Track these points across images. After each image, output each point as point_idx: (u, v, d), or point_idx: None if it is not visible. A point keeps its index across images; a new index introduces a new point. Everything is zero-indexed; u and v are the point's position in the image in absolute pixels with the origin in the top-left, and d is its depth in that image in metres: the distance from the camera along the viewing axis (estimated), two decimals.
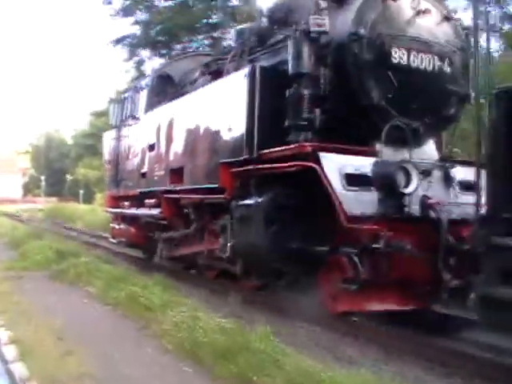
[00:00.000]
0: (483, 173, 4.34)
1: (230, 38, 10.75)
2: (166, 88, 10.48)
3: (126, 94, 12.45)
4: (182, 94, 9.23)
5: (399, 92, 6.03)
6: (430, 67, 6.25)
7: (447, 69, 6.40)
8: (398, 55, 6.07)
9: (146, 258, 11.60)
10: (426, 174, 5.73)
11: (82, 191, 51.08)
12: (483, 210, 4.26)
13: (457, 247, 5.16)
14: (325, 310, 6.13)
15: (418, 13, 6.24)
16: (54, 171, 66.60)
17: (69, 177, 59.13)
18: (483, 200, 4.27)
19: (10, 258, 11.21)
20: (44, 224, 23.41)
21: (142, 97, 11.04)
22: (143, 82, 11.50)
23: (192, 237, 8.56)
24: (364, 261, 5.34)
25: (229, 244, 7.11)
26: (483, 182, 4.30)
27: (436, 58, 6.30)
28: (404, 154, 5.90)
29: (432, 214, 5.37)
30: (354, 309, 5.94)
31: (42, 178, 64.18)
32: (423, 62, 6.20)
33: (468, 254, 4.61)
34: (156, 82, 10.93)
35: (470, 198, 5.35)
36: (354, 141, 5.88)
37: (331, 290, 5.95)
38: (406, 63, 6.11)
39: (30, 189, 74.34)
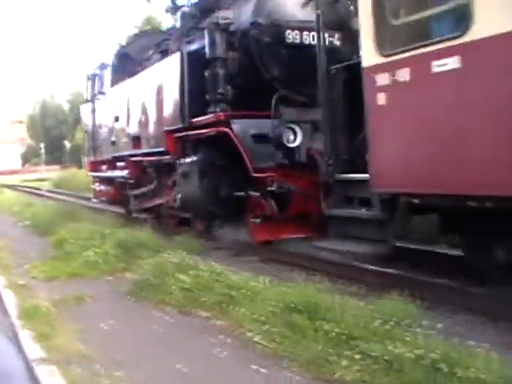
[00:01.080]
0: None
1: (176, 20, 12.12)
2: (126, 65, 12.00)
3: (97, 71, 13.97)
4: (138, 72, 10.79)
5: (293, 66, 7.60)
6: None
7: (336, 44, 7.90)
8: (292, 36, 7.64)
9: (125, 213, 13.38)
10: (313, 130, 7.34)
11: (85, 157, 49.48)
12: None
13: None
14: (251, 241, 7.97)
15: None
16: (51, 139, 65.04)
17: (67, 143, 57.19)
18: None
19: (41, 252, 8.16)
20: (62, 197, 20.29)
21: (107, 74, 12.65)
22: (109, 61, 13.05)
23: (154, 191, 10.31)
24: (267, 201, 7.13)
25: (178, 195, 8.88)
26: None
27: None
28: (300, 115, 7.53)
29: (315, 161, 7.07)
30: (270, 238, 7.77)
31: (42, 145, 60.57)
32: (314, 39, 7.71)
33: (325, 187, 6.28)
34: (117, 60, 12.50)
35: None
36: (262, 108, 7.51)
37: (252, 226, 7.77)
38: (298, 42, 7.67)
39: (28, 158, 73.40)
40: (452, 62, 3.64)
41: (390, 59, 4.21)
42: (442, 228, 4.83)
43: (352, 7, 8.23)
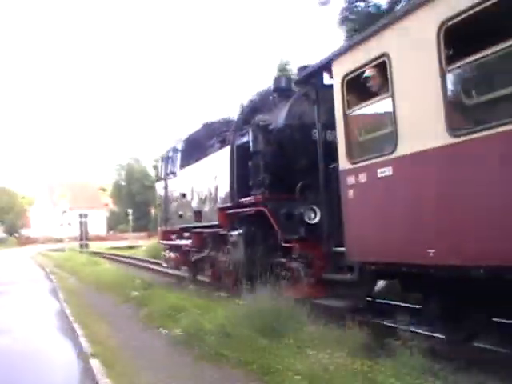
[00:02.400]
0: None
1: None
2: (193, 150, 14.39)
3: (170, 154, 16.56)
4: (201, 158, 13.10)
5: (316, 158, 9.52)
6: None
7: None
8: (316, 134, 9.60)
9: (190, 276, 15.41)
10: None
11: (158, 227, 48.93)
12: None
13: None
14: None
15: None
16: (137, 204, 63.37)
17: (153, 210, 54.82)
18: None
19: None
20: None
21: (178, 157, 15.12)
22: (179, 146, 15.58)
23: (212, 257, 12.33)
24: (293, 265, 8.92)
25: (230, 260, 10.83)
26: None
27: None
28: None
29: None
30: (305, 296, 9.47)
31: (130, 211, 55.82)
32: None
33: None
34: (186, 145, 14.97)
35: None
36: (292, 192, 9.39)
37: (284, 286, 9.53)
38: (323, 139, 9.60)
39: (112, 225, 74.77)
40: (388, 170, 5.44)
41: (354, 166, 6.07)
42: (403, 288, 6.44)
43: None
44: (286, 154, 9.65)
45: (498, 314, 5.45)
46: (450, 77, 4.78)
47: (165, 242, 16.74)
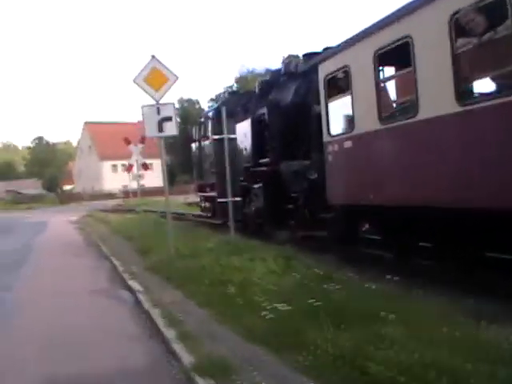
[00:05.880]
0: None
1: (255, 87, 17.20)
2: (221, 118, 17.24)
3: (202, 120, 19.48)
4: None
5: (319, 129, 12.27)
6: None
7: None
8: (318, 109, 12.32)
9: (222, 223, 18.51)
10: None
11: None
12: None
13: None
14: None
15: None
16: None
17: None
18: None
19: None
20: None
21: (209, 124, 18.03)
22: (210, 114, 18.46)
23: (241, 205, 15.33)
24: (300, 211, 11.86)
25: (253, 208, 13.82)
26: None
27: None
28: None
29: None
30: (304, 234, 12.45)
31: None
32: None
33: None
34: (216, 114, 17.83)
35: None
36: (296, 155, 12.17)
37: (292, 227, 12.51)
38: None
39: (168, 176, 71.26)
40: (350, 143, 8.25)
41: (332, 139, 8.88)
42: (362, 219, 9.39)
43: None
44: (293, 126, 12.42)
45: (422, 239, 8.23)
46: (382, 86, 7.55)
47: (200, 193, 19.91)
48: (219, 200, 15.68)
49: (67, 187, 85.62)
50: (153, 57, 10.49)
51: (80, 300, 8.53)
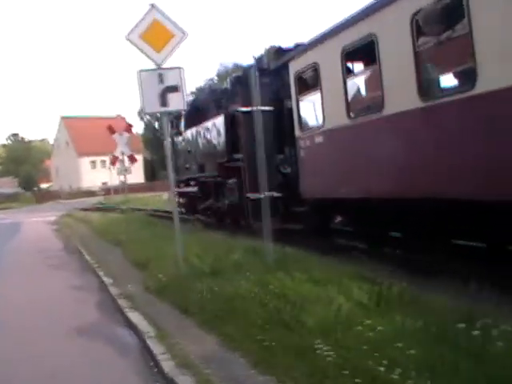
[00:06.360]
0: None
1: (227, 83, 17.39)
2: (195, 114, 17.41)
3: (175, 117, 19.62)
4: (202, 121, 16.11)
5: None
6: None
7: None
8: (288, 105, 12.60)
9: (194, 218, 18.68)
10: None
11: None
12: None
13: None
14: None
15: None
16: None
17: None
18: None
19: None
20: None
21: (183, 120, 18.18)
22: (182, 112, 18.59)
23: (212, 201, 15.56)
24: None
25: (226, 202, 14.04)
26: None
27: None
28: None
29: None
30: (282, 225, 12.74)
31: None
32: None
33: None
34: (189, 110, 17.96)
35: None
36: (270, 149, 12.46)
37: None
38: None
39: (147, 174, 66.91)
40: (320, 138, 8.53)
41: (303, 135, 9.15)
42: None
43: None
44: (266, 121, 12.65)
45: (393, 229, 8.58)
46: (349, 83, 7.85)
47: (175, 190, 20.07)
48: (251, 196, 11.58)
49: (44, 185, 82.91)
50: (152, 6, 7.82)
51: (54, 348, 5.75)
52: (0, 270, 12.08)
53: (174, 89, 7.78)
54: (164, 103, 7.82)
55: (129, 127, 20.28)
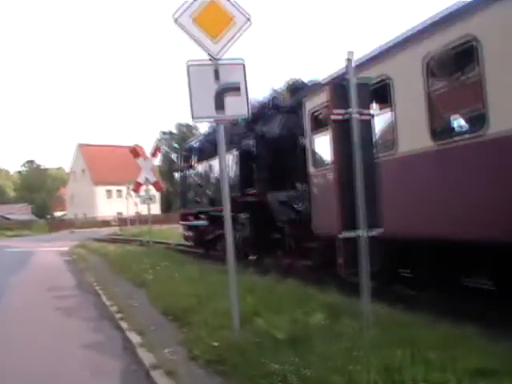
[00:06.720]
0: None
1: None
2: (206, 149, 17.68)
3: (187, 149, 19.96)
4: (214, 155, 16.35)
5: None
6: None
7: None
8: (301, 141, 12.83)
9: (205, 251, 18.80)
10: None
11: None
12: None
13: None
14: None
15: None
16: None
17: None
18: None
19: None
20: None
21: (194, 153, 18.51)
22: (195, 144, 18.95)
23: (223, 235, 15.66)
24: (287, 240, 12.23)
25: (239, 237, 14.17)
26: None
27: None
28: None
29: None
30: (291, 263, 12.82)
31: None
32: None
33: None
34: (200, 145, 18.36)
35: None
36: (285, 186, 12.61)
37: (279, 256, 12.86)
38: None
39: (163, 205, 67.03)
40: (332, 175, 8.71)
41: (317, 172, 9.34)
42: None
43: None
44: (280, 157, 12.90)
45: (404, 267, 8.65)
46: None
47: (184, 222, 20.24)
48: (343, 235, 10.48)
49: (58, 213, 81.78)
50: None
51: None
52: None
53: (234, 89, 5.89)
54: (220, 107, 5.95)
55: (155, 151, 19.49)
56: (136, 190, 19.36)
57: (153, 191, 19.47)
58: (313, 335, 5.10)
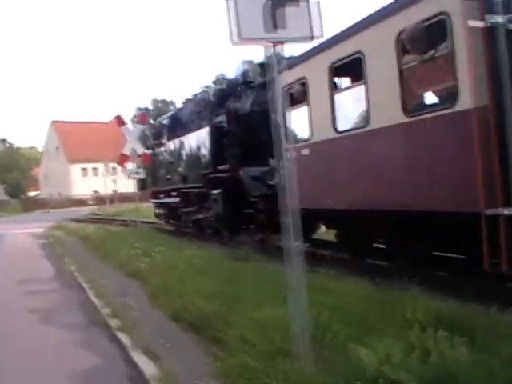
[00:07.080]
0: None
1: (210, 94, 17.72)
2: (178, 125, 17.63)
3: (157, 127, 19.82)
4: (186, 132, 16.32)
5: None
6: None
7: None
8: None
9: (176, 227, 18.80)
10: None
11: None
12: None
13: None
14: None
15: None
16: None
17: None
18: None
19: None
20: None
21: (164, 131, 18.40)
22: (165, 121, 18.82)
23: (196, 211, 15.73)
24: (259, 215, 12.35)
25: (212, 213, 14.25)
26: None
27: None
28: None
29: None
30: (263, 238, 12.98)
31: None
32: None
33: None
34: (171, 121, 18.23)
35: None
36: (258, 161, 12.70)
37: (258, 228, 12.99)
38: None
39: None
40: (307, 150, 8.84)
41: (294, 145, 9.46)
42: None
43: None
44: (252, 133, 12.94)
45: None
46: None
47: (155, 200, 20.19)
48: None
49: (32, 193, 78.41)
50: None
51: None
52: None
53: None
54: (278, 24, 4.26)
55: (143, 117, 18.06)
56: (121, 163, 17.09)
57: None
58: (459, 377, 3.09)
